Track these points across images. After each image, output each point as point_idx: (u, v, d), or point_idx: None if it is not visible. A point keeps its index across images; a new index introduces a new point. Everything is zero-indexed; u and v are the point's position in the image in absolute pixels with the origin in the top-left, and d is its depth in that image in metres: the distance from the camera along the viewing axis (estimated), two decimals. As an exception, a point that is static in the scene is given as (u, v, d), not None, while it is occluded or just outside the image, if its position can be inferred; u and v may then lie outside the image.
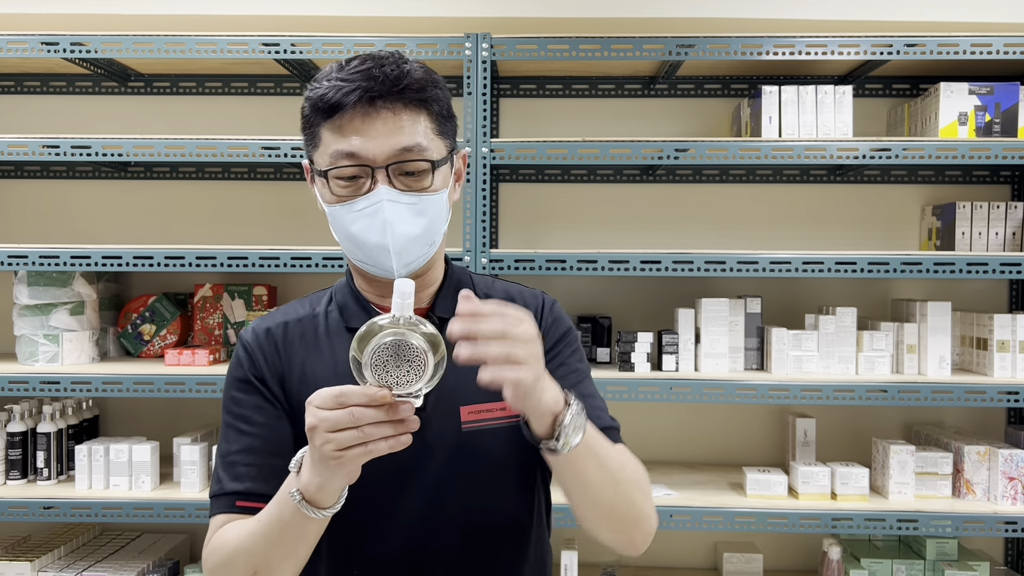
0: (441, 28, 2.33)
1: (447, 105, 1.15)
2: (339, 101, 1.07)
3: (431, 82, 1.11)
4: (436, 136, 1.12)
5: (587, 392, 1.19)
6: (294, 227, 2.63)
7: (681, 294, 2.55)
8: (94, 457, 2.23)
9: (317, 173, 1.13)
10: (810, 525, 2.15)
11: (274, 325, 1.21)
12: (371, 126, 1.07)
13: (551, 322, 1.23)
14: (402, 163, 1.08)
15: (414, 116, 1.09)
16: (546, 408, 0.98)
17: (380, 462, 1.02)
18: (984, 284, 2.59)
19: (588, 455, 1.03)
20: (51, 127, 2.59)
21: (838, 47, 2.20)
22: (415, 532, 1.14)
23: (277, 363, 1.18)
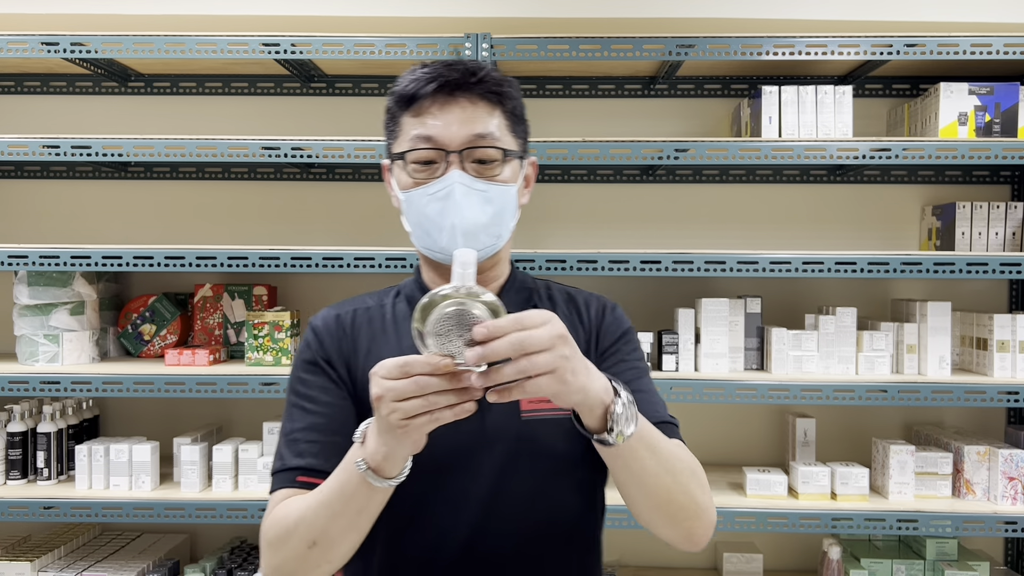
0: (441, 28, 2.33)
1: (520, 107, 1.22)
2: (419, 91, 1.14)
3: (507, 81, 1.19)
4: (509, 133, 1.18)
5: (645, 388, 1.21)
6: (294, 227, 2.63)
7: (681, 294, 2.55)
8: (94, 457, 2.24)
9: (395, 158, 1.19)
10: (810, 525, 2.15)
11: (343, 312, 1.26)
12: (448, 112, 1.14)
13: (611, 321, 1.27)
14: (475, 148, 1.14)
15: (490, 108, 1.16)
16: (595, 399, 0.98)
17: (440, 447, 1.04)
18: (984, 284, 2.59)
19: (641, 447, 1.03)
20: (51, 127, 2.59)
21: (838, 47, 2.20)
22: (471, 518, 1.15)
23: (345, 347, 1.22)
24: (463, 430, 1.08)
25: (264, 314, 2.32)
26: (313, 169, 2.63)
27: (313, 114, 2.62)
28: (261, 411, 2.54)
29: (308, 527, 1.07)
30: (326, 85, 2.62)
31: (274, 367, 2.29)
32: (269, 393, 2.17)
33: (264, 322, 2.31)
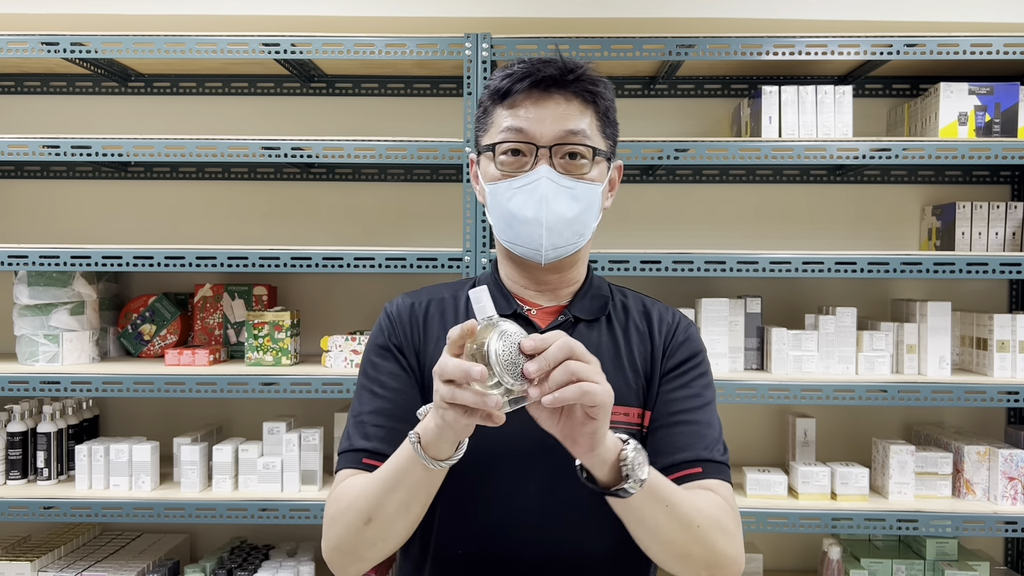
0: (441, 28, 2.33)
1: (613, 109, 1.22)
2: (514, 85, 1.15)
3: (602, 81, 1.19)
4: (599, 133, 1.19)
5: (702, 420, 1.18)
6: (294, 227, 2.63)
7: (681, 294, 2.55)
8: (94, 457, 2.24)
9: (484, 150, 1.20)
10: (810, 525, 2.15)
11: (417, 301, 1.27)
12: (542, 107, 1.15)
13: (682, 339, 1.24)
14: (565, 145, 1.15)
15: (583, 107, 1.16)
16: (606, 455, 0.99)
17: (495, 447, 1.08)
18: (984, 284, 2.59)
19: (653, 502, 1.03)
20: (51, 127, 2.59)
21: (838, 47, 2.20)
22: (519, 521, 1.15)
23: (416, 336, 1.23)
24: (519, 433, 1.09)
25: (264, 314, 2.32)
26: (313, 169, 2.63)
27: (313, 114, 2.62)
28: (261, 411, 2.54)
29: (366, 503, 1.08)
30: (326, 85, 2.62)
31: (274, 367, 2.29)
32: (269, 393, 2.17)
33: (264, 322, 2.31)
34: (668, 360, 1.22)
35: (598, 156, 1.18)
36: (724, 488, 1.15)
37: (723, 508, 1.12)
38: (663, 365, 1.22)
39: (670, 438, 1.16)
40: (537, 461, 1.15)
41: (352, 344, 2.27)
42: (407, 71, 2.55)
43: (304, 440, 2.25)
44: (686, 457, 1.14)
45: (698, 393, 1.20)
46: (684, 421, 1.17)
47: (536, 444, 1.12)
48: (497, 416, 0.94)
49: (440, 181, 2.61)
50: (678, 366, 1.22)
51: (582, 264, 1.27)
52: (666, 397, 1.19)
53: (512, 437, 1.07)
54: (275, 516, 2.15)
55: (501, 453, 1.13)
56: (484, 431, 1.00)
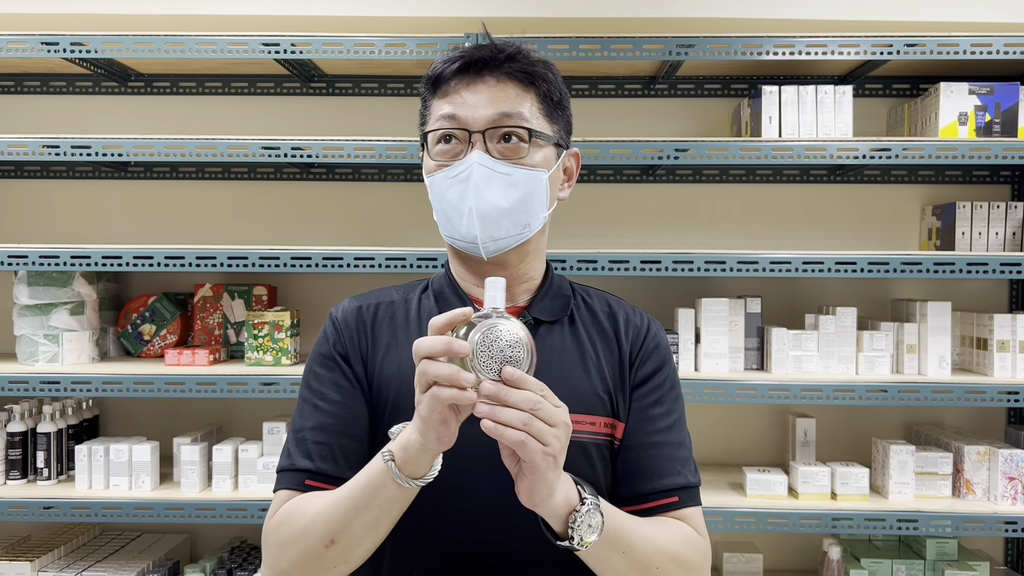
0: (441, 28, 2.33)
1: (558, 92, 1.15)
2: (446, 71, 1.10)
3: (542, 62, 1.13)
4: (542, 116, 1.12)
5: (676, 440, 1.14)
6: (294, 227, 2.63)
7: (681, 294, 2.55)
8: (94, 457, 2.24)
9: (421, 142, 1.15)
10: (810, 525, 2.15)
11: (365, 304, 1.20)
12: (474, 91, 1.09)
13: (652, 347, 1.18)
14: (500, 128, 1.08)
15: (521, 90, 1.11)
16: (559, 510, 0.95)
17: (458, 459, 1.01)
18: (984, 284, 2.59)
19: (608, 548, 1.00)
20: (51, 127, 2.59)
21: (838, 47, 2.20)
22: (482, 535, 1.10)
23: (364, 342, 1.16)
24: (483, 444, 1.04)
25: (264, 314, 2.32)
26: (313, 169, 2.63)
27: (313, 114, 2.62)
28: (261, 411, 2.54)
29: (328, 524, 1.03)
30: (326, 85, 2.62)
31: (274, 367, 2.29)
32: (269, 393, 2.17)
33: (264, 322, 2.31)
34: (639, 370, 1.16)
35: (538, 139, 1.11)
36: (696, 515, 1.13)
37: (690, 543, 1.08)
38: (633, 375, 1.16)
39: (647, 462, 1.12)
40: (500, 474, 1.08)
41: (352, 344, 2.27)
42: (407, 71, 2.55)
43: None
44: (664, 486, 1.11)
45: (670, 410, 1.16)
46: (660, 443, 1.13)
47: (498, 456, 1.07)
48: (467, 396, 0.89)
49: (440, 181, 2.61)
50: (650, 378, 1.16)
51: (535, 259, 1.19)
52: (640, 415, 1.14)
53: (475, 448, 1.03)
54: (275, 516, 2.15)
55: (463, 463, 1.06)
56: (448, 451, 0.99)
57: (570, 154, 1.19)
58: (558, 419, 0.90)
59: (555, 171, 1.15)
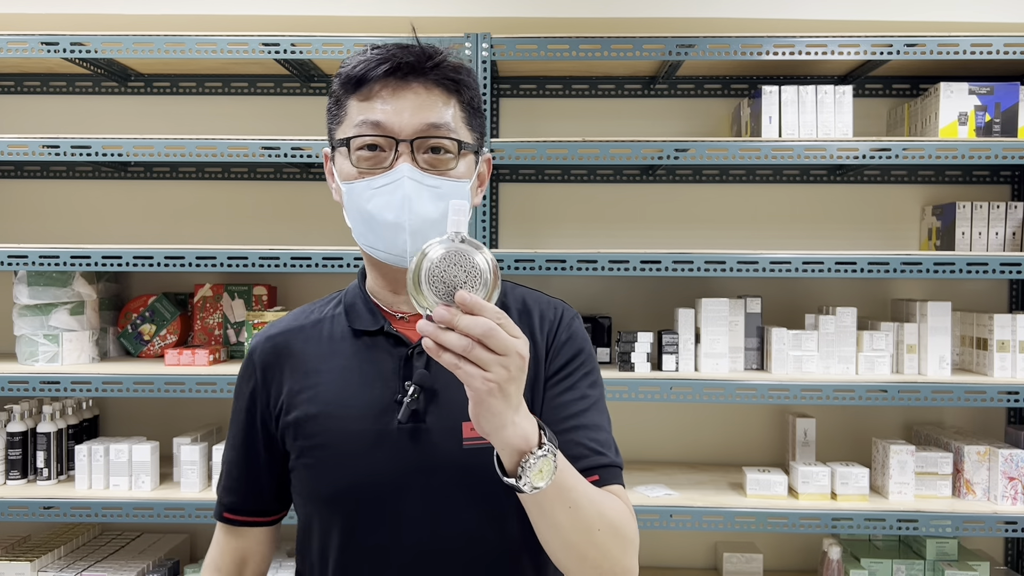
0: (441, 28, 2.33)
1: (478, 99, 1.13)
2: (369, 73, 1.05)
3: (465, 68, 1.10)
4: (464, 125, 1.10)
5: (592, 423, 1.12)
6: (294, 227, 2.63)
7: (681, 294, 2.55)
8: (94, 457, 2.24)
9: (338, 144, 1.10)
10: (810, 525, 2.15)
11: (278, 332, 1.20)
12: (401, 98, 1.06)
13: (565, 338, 1.16)
14: (428, 138, 1.06)
15: (445, 97, 1.08)
16: (512, 440, 0.92)
17: (377, 470, 1.06)
18: (984, 284, 2.59)
19: (556, 498, 0.97)
20: (51, 127, 2.59)
21: (838, 47, 2.20)
22: (412, 542, 1.09)
23: (274, 375, 1.17)
24: (401, 454, 1.07)
25: (264, 314, 2.32)
26: (313, 169, 2.63)
27: (313, 114, 2.62)
28: (261, 411, 2.53)
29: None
30: (326, 85, 2.62)
31: (274, 367, 2.29)
32: (269, 393, 2.17)
33: (264, 322, 2.31)
34: (552, 363, 1.14)
35: (464, 150, 1.08)
36: (621, 492, 1.11)
37: (625, 516, 1.06)
38: (548, 368, 1.14)
39: (563, 448, 1.07)
40: (420, 484, 1.09)
41: (352, 344, 2.27)
42: (407, 71, 2.55)
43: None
44: (582, 467, 1.07)
45: (584, 395, 1.13)
46: (574, 427, 1.10)
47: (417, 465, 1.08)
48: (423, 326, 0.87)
49: (440, 181, 2.61)
50: (563, 367, 1.14)
51: None
52: (553, 403, 1.12)
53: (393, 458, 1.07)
54: (275, 516, 2.15)
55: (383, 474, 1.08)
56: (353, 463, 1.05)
57: (484, 159, 1.17)
58: (509, 348, 0.86)
59: (474, 179, 1.13)
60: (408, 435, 1.09)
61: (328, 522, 1.12)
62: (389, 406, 1.09)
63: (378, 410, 1.10)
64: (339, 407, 1.11)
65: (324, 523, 1.13)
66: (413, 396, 1.07)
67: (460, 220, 0.90)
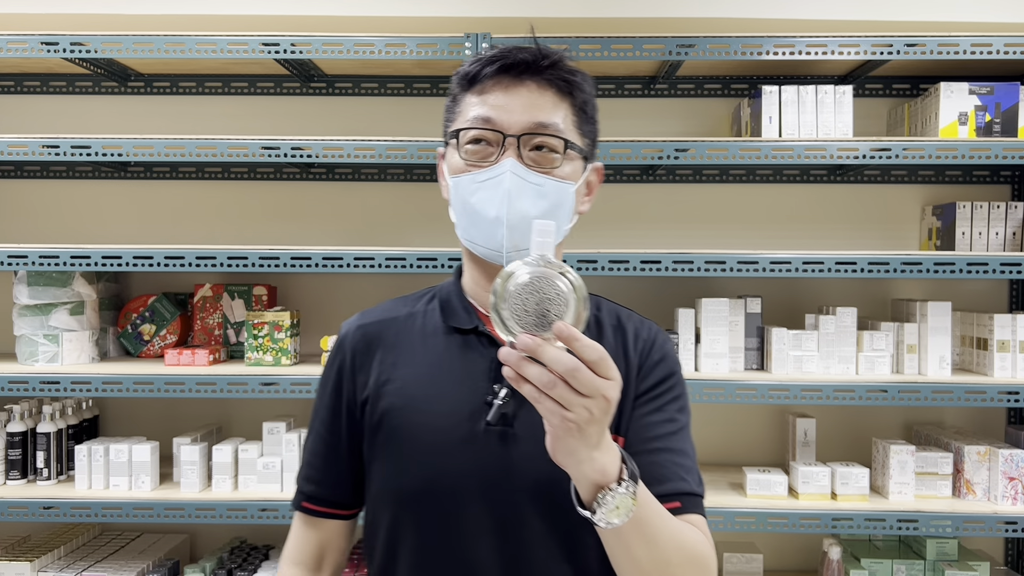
0: (441, 28, 2.33)
1: (592, 105, 1.13)
2: (484, 69, 1.07)
3: (579, 73, 1.11)
4: (574, 128, 1.10)
5: (678, 448, 1.11)
6: (294, 227, 2.63)
7: (681, 294, 2.55)
8: (94, 457, 2.23)
9: (450, 137, 1.12)
10: (810, 525, 2.15)
11: (370, 322, 1.19)
12: (513, 95, 1.07)
13: (658, 359, 1.15)
14: (535, 135, 1.06)
15: (557, 98, 1.08)
16: (588, 478, 0.90)
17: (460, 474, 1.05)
18: (984, 284, 2.59)
19: (633, 532, 0.95)
20: (51, 127, 2.59)
21: (838, 47, 2.20)
22: (488, 554, 1.07)
23: (365, 362, 1.16)
24: (486, 457, 1.06)
25: (264, 314, 2.32)
26: (313, 169, 2.63)
27: (313, 114, 2.62)
28: (261, 411, 2.54)
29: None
30: (326, 85, 2.62)
31: (274, 367, 2.29)
32: (269, 393, 2.17)
33: (264, 322, 2.31)
34: (642, 382, 1.13)
35: (571, 151, 1.08)
36: (701, 522, 1.09)
37: (703, 548, 1.04)
38: (637, 387, 1.13)
39: (646, 468, 1.06)
40: (504, 491, 1.07)
41: (352, 344, 2.27)
42: (407, 71, 2.55)
43: (304, 441, 2.24)
44: (664, 491, 1.06)
45: (672, 418, 1.12)
46: (659, 449, 1.09)
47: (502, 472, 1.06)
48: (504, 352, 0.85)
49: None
50: (653, 388, 1.13)
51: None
52: (640, 423, 1.11)
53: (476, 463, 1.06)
54: (275, 516, 2.15)
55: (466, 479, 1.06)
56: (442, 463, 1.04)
57: (595, 168, 1.17)
58: (595, 390, 0.84)
59: (580, 184, 1.13)
60: (496, 438, 1.07)
61: (398, 520, 1.10)
62: (478, 407, 1.08)
63: (466, 410, 1.08)
64: (425, 402, 1.10)
65: (393, 521, 1.11)
66: (504, 399, 1.04)
67: (545, 242, 0.88)
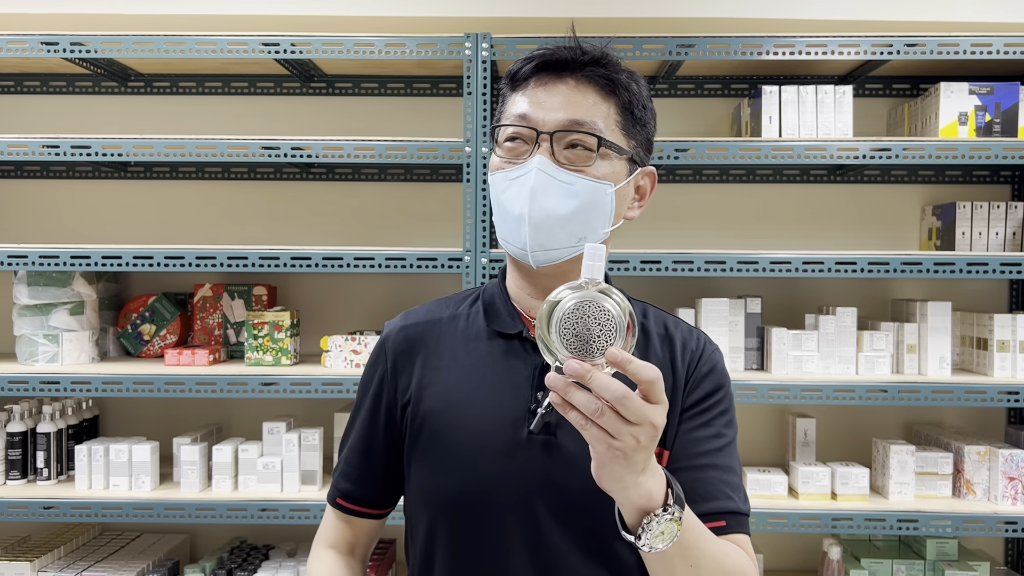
0: (441, 28, 2.33)
1: (640, 106, 1.09)
2: (525, 68, 1.06)
3: (628, 71, 1.08)
4: (618, 128, 1.07)
5: (725, 464, 1.08)
6: (294, 227, 2.63)
7: (681, 294, 2.55)
8: (94, 457, 2.23)
9: (492, 136, 1.11)
10: (810, 525, 2.15)
11: (412, 323, 1.18)
12: (552, 93, 1.05)
13: (706, 371, 1.12)
14: (567, 132, 1.03)
15: (600, 98, 1.05)
16: (633, 503, 0.88)
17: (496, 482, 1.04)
18: (984, 284, 2.59)
19: (677, 557, 0.93)
20: (51, 127, 2.59)
21: (838, 47, 2.20)
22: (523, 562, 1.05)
23: (407, 363, 1.15)
24: (528, 465, 1.04)
25: (264, 314, 2.32)
26: (313, 169, 2.63)
27: (313, 114, 2.62)
28: (261, 411, 2.54)
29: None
30: (326, 85, 2.62)
31: (274, 367, 2.29)
32: (269, 393, 2.17)
33: (264, 322, 2.31)
34: (690, 394, 1.10)
35: (608, 149, 1.04)
36: (746, 542, 1.07)
37: (747, 570, 1.02)
38: (684, 400, 1.10)
39: (692, 485, 1.05)
40: (542, 497, 1.05)
41: (352, 344, 2.27)
42: (407, 71, 2.55)
43: (304, 440, 2.25)
44: (710, 508, 1.04)
45: (719, 433, 1.09)
46: (705, 466, 1.07)
47: (544, 477, 1.05)
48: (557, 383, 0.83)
49: (440, 181, 2.61)
50: (700, 401, 1.10)
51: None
52: (687, 437, 1.08)
53: (516, 467, 1.04)
54: (275, 516, 2.15)
55: (505, 484, 1.05)
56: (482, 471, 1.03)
57: (645, 172, 1.13)
58: (643, 417, 0.82)
59: (624, 187, 1.09)
60: (539, 446, 1.05)
61: (436, 523, 1.09)
62: (521, 415, 1.06)
63: (509, 417, 1.06)
64: (467, 407, 1.08)
65: (431, 524, 1.10)
66: (547, 408, 0.99)
67: (595, 265, 0.86)
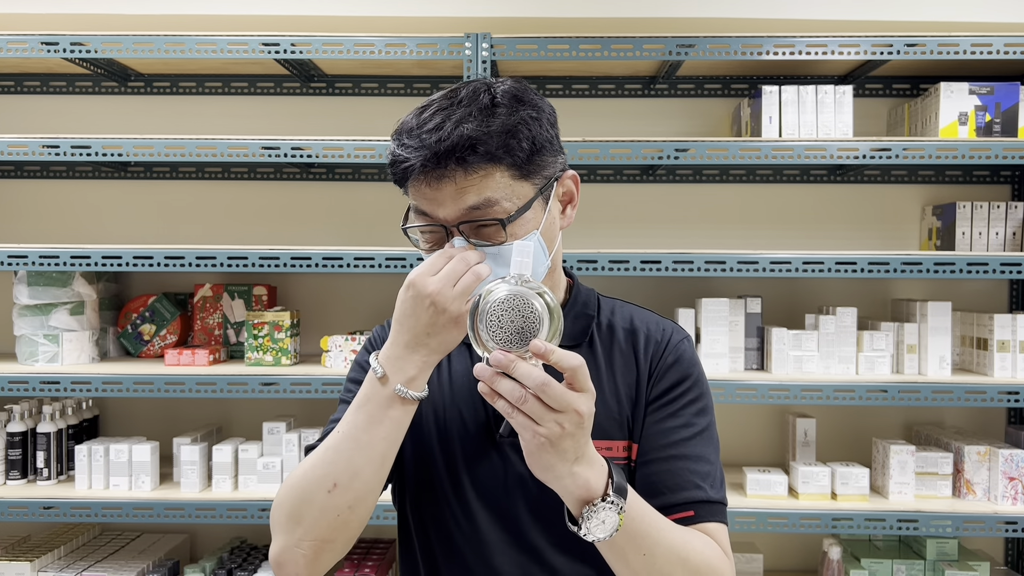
0: (441, 28, 2.33)
1: (533, 139, 1.05)
2: (409, 167, 1.03)
3: (510, 127, 1.03)
4: (516, 181, 1.03)
5: (693, 454, 1.08)
6: (294, 227, 2.63)
7: (681, 294, 2.55)
8: (94, 457, 2.23)
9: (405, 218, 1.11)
10: (810, 525, 2.15)
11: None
12: (440, 189, 1.02)
13: (671, 362, 1.13)
14: (471, 222, 1.03)
15: (487, 172, 1.02)
16: (571, 493, 0.92)
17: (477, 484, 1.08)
18: (984, 284, 2.59)
19: (627, 545, 0.95)
20: (51, 127, 2.59)
21: (838, 47, 2.20)
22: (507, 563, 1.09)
23: None
24: (500, 467, 1.08)
25: (264, 314, 2.32)
26: (313, 169, 2.63)
27: (313, 114, 2.62)
28: (261, 411, 2.54)
29: (327, 468, 1.01)
30: (326, 85, 2.62)
31: (274, 367, 2.29)
32: (269, 393, 2.17)
33: (264, 322, 2.31)
34: (655, 386, 1.11)
35: (516, 217, 1.03)
36: (718, 531, 1.06)
37: (713, 560, 1.01)
38: (649, 391, 1.11)
39: (658, 477, 1.06)
40: (521, 500, 1.09)
41: (352, 344, 2.27)
42: (407, 71, 2.55)
43: (304, 440, 2.25)
44: (676, 500, 1.05)
45: (688, 423, 1.09)
46: (673, 456, 1.07)
47: (517, 481, 1.08)
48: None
49: (440, 181, 2.61)
50: (666, 392, 1.11)
51: (552, 278, 1.14)
52: (655, 428, 1.09)
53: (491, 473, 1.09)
54: (275, 516, 2.15)
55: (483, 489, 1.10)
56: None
57: (565, 179, 1.11)
58: (566, 404, 0.86)
59: (546, 219, 1.07)
60: (510, 448, 1.09)
61: (421, 526, 1.14)
62: (495, 416, 1.10)
63: (483, 420, 1.11)
64: (443, 409, 1.13)
65: (417, 527, 1.14)
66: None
67: (523, 262, 0.91)
